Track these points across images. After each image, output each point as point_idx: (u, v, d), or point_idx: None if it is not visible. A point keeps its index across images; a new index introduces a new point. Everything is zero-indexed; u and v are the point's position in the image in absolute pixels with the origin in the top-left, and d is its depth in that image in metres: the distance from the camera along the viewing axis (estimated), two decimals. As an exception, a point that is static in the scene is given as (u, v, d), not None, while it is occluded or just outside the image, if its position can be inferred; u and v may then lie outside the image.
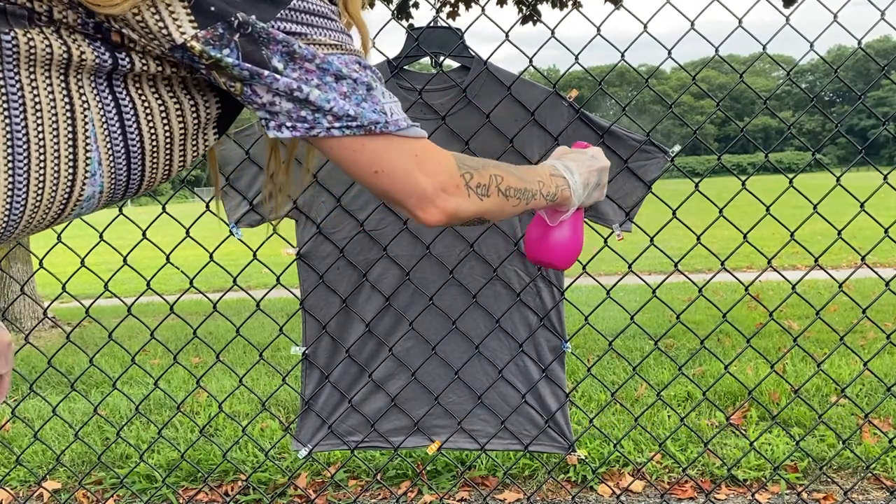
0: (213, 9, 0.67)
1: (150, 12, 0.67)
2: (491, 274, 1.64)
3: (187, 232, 1.63)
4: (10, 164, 0.67)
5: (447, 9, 5.63)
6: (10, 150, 0.67)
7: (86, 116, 0.70)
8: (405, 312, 1.66)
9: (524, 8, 5.64)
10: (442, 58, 1.60)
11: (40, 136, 0.69)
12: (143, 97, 0.73)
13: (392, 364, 1.69)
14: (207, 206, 1.65)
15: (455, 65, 1.62)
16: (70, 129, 0.70)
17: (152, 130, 0.74)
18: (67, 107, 0.69)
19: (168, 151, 0.77)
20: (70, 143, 0.70)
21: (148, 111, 0.74)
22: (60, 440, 2.93)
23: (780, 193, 1.64)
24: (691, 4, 2.06)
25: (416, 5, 5.83)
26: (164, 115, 0.75)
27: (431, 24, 1.60)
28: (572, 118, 1.60)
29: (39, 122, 0.68)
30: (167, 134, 0.76)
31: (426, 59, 1.62)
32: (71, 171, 0.71)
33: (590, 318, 1.83)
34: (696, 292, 1.87)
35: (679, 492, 2.32)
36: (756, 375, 3.42)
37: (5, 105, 0.66)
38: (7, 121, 0.67)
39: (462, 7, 5.71)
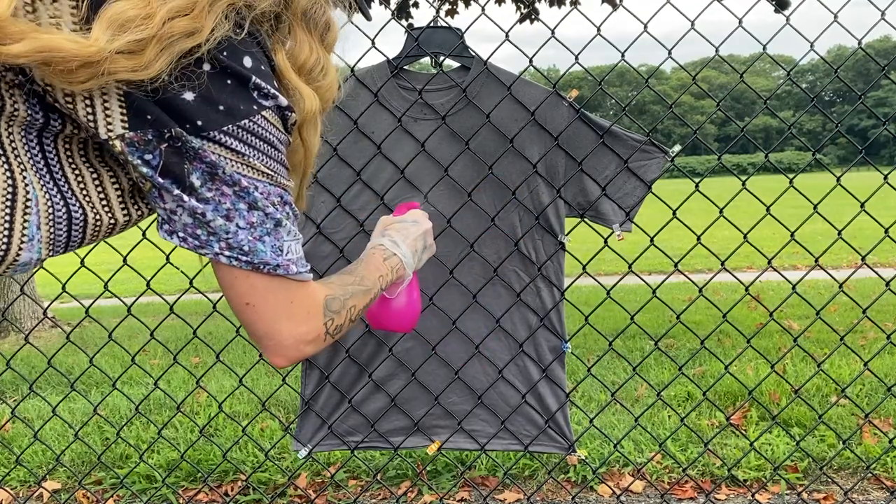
0: (149, 117, 0.65)
1: (83, 103, 0.65)
2: (491, 274, 1.64)
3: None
4: None
5: (446, 6, 5.62)
6: None
7: (25, 178, 0.67)
8: (405, 312, 1.66)
9: (522, 6, 5.64)
10: (442, 58, 1.60)
11: None
12: (72, 164, 0.71)
13: (392, 364, 1.69)
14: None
15: (455, 65, 1.62)
16: (9, 190, 0.66)
17: (87, 197, 0.72)
18: (3, 162, 0.66)
19: (110, 215, 0.75)
20: (7, 203, 0.66)
21: (80, 178, 0.71)
22: (60, 440, 2.93)
23: (780, 193, 1.64)
24: (691, 4, 2.06)
25: (415, 5, 5.83)
26: (97, 181, 0.73)
27: (431, 24, 1.60)
28: (572, 118, 1.60)
29: None
30: (104, 199, 0.74)
31: (426, 59, 1.61)
32: (6, 233, 0.67)
33: (590, 317, 1.83)
34: (696, 292, 1.87)
35: (679, 492, 2.32)
36: (756, 375, 3.42)
37: None
38: None
39: (461, 5, 5.71)
